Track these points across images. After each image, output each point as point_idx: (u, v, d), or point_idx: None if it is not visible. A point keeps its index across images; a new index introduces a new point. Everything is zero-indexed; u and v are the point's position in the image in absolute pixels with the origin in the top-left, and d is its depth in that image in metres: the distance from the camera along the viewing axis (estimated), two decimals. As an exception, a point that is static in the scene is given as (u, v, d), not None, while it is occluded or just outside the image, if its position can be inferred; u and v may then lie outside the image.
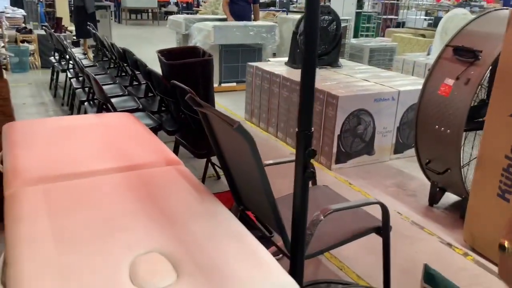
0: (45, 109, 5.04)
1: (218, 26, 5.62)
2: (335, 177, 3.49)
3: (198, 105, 1.87)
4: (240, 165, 1.86)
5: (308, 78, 1.47)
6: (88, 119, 2.64)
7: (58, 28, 7.42)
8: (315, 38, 1.41)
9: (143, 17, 16.01)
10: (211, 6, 11.00)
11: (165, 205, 1.64)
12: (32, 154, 1.98)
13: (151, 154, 2.08)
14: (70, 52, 4.34)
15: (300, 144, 1.49)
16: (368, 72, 4.47)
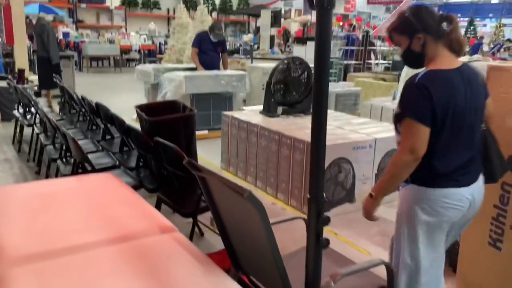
0: (10, 166, 4.78)
1: (190, 76, 5.63)
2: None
3: (197, 170, 1.81)
4: (244, 230, 1.80)
5: (318, 144, 1.46)
6: (69, 182, 2.50)
7: (21, 79, 7.20)
8: (325, 100, 1.41)
9: (105, 65, 15.90)
10: (175, 54, 11.08)
11: (168, 280, 1.54)
12: (15, 227, 1.84)
13: (142, 221, 1.98)
14: (40, 109, 4.18)
15: (312, 211, 1.46)
16: (341, 119, 4.56)
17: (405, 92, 1.82)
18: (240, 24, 24.14)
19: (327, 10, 1.32)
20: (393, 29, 1.90)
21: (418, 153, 1.74)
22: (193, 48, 6.52)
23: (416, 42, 1.84)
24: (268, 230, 1.54)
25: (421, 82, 1.75)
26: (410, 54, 1.89)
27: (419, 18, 1.83)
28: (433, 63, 1.83)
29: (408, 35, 1.86)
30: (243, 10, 22.75)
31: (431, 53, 1.84)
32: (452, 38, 1.83)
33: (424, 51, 1.84)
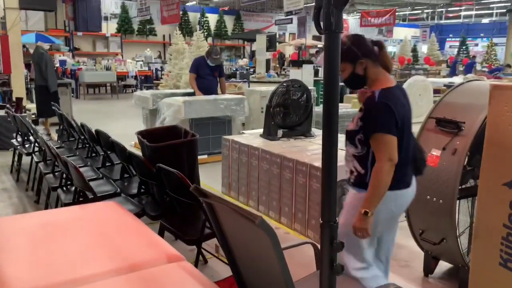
0: (8, 195, 4.72)
1: (189, 101, 5.64)
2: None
3: (204, 196, 1.78)
4: (254, 257, 1.76)
5: (330, 168, 1.44)
6: (71, 212, 2.46)
7: (19, 108, 7.19)
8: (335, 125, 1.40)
9: (101, 91, 15.95)
10: (172, 79, 11.16)
11: (178, 312, 1.49)
12: (18, 260, 1.79)
13: (149, 250, 1.93)
14: (40, 137, 4.16)
15: (325, 236, 1.43)
16: (340, 141, 4.55)
17: (370, 111, 2.08)
18: (235, 49, 24.44)
19: (335, 34, 1.32)
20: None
21: (395, 160, 2.02)
22: (190, 73, 6.55)
23: (359, 66, 2.11)
24: (280, 256, 1.50)
25: (382, 101, 2.04)
26: (354, 78, 2.14)
27: (359, 45, 2.12)
28: (378, 83, 2.12)
29: (351, 62, 2.11)
30: (238, 35, 23.07)
31: (373, 75, 2.13)
32: (384, 59, 2.14)
33: (366, 74, 2.13)
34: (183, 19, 20.59)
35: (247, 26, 23.64)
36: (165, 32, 20.66)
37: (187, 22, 21.40)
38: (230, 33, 23.23)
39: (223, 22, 23.11)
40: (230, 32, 23.33)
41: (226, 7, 23.14)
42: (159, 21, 13.40)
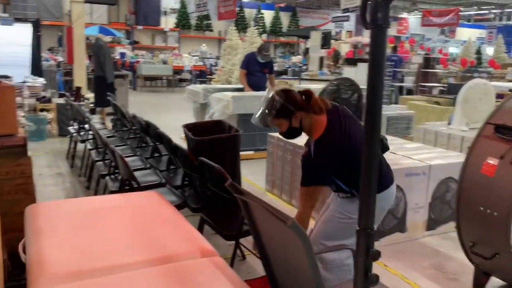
0: (62, 180, 4.95)
1: (237, 96, 5.65)
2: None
3: (239, 193, 1.75)
4: (286, 258, 1.71)
5: (370, 171, 1.35)
6: (114, 200, 2.52)
7: (77, 97, 7.54)
8: (378, 127, 1.31)
9: (158, 84, 16.43)
10: (224, 75, 11.27)
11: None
12: (58, 244, 1.84)
13: (184, 243, 1.93)
14: (92, 125, 4.32)
15: (361, 243, 1.35)
16: (393, 144, 4.37)
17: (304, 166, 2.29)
18: (289, 46, 24.31)
19: (382, 29, 1.24)
20: (274, 117, 2.21)
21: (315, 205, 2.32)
22: (241, 69, 6.57)
23: (295, 120, 2.22)
24: (312, 260, 1.45)
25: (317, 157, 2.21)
26: (292, 131, 2.27)
27: (291, 100, 2.20)
28: (314, 131, 2.22)
29: (287, 118, 2.22)
30: (293, 32, 22.91)
31: (307, 124, 2.24)
32: (314, 106, 2.22)
33: (302, 125, 2.24)
34: (239, 15, 20.73)
35: (303, 23, 23.41)
36: (221, 28, 20.90)
37: (243, 18, 21.52)
38: (285, 30, 23.11)
39: (279, 18, 23.03)
40: (285, 28, 23.22)
41: (283, 4, 23.03)
42: (216, 17, 13.59)
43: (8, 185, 2.54)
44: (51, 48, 15.24)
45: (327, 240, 2.36)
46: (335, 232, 2.36)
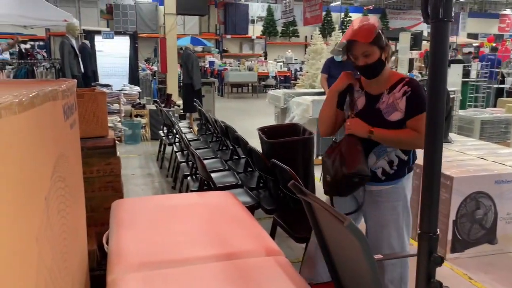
0: (151, 180, 5.31)
1: (317, 100, 5.62)
2: (451, 268, 3.08)
3: (302, 193, 1.76)
4: (347, 259, 1.68)
5: (432, 171, 1.29)
6: (191, 198, 2.65)
7: (168, 103, 8.05)
8: (440, 124, 1.25)
9: (244, 91, 16.90)
10: (308, 79, 11.26)
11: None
12: (136, 236, 1.99)
13: (250, 241, 1.98)
14: (177, 128, 4.59)
15: (422, 248, 1.29)
16: (484, 149, 4.06)
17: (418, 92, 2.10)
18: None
19: (443, 23, 1.18)
20: (371, 42, 2.06)
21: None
22: (322, 74, 6.52)
23: (385, 53, 2.11)
24: (371, 263, 1.40)
25: (419, 84, 2.15)
26: (379, 64, 2.11)
27: (382, 32, 2.11)
28: (392, 71, 2.23)
29: (380, 47, 2.09)
30: (382, 34, 22.18)
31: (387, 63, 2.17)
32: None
33: (386, 61, 2.15)
34: (326, 19, 20.60)
35: (393, 25, 22.59)
36: (308, 33, 20.92)
37: (330, 23, 21.34)
38: (373, 33, 22.46)
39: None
40: (374, 31, 22.57)
41: (371, 6, 22.44)
42: (302, 23, 13.68)
43: (98, 182, 2.80)
44: (147, 59, 16.40)
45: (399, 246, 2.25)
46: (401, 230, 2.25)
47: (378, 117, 2.16)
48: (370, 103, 2.20)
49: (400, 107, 2.11)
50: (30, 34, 14.66)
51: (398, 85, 2.14)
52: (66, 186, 1.33)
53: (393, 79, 2.17)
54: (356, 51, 2.10)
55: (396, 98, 2.13)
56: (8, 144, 0.82)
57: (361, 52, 2.09)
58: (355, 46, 2.09)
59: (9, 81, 2.68)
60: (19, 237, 0.88)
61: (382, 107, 2.16)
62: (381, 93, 2.18)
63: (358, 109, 2.24)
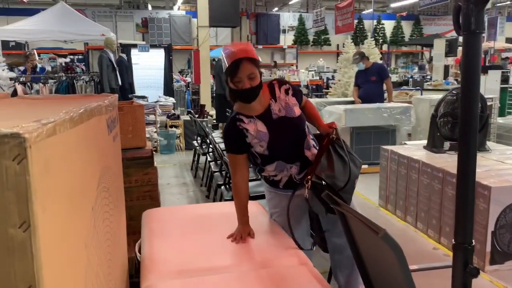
0: (186, 189, 5.42)
1: (350, 109, 5.61)
2: (491, 281, 2.99)
3: (336, 204, 1.78)
4: (382, 270, 1.68)
5: (466, 181, 1.29)
6: (223, 207, 2.71)
7: (202, 113, 8.20)
8: (474, 136, 1.25)
9: (276, 100, 16.93)
10: (340, 88, 11.20)
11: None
12: (168, 245, 2.06)
13: (279, 250, 2.01)
14: (211, 138, 4.68)
15: (457, 259, 1.28)
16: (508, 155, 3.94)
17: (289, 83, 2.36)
18: (412, 55, 23.19)
19: (475, 34, 1.19)
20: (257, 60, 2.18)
21: None
22: (354, 87, 6.61)
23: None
24: (407, 275, 1.40)
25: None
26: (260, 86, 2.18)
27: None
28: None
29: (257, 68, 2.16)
30: (414, 41, 21.82)
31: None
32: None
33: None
34: (358, 27, 20.45)
35: (427, 31, 22.16)
36: (339, 41, 20.82)
37: (362, 31, 21.17)
38: (407, 39, 22.12)
39: (400, 28, 22.15)
40: (407, 37, 22.23)
41: (404, 13, 22.12)
42: (333, 31, 13.67)
43: (137, 192, 2.90)
44: (181, 70, 16.76)
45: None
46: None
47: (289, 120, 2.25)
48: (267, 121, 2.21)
49: (293, 102, 2.26)
50: (69, 48, 15.28)
51: (275, 90, 2.26)
52: (110, 196, 1.41)
53: (265, 89, 2.22)
54: (242, 72, 2.05)
55: (285, 98, 2.26)
56: (61, 158, 0.89)
57: (247, 74, 2.06)
58: (243, 67, 2.05)
59: (56, 97, 2.84)
60: (70, 243, 0.95)
61: (283, 113, 2.23)
62: (268, 105, 2.23)
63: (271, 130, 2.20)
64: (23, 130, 0.71)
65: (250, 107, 2.19)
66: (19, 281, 0.73)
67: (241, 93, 2.11)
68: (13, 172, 0.71)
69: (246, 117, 2.19)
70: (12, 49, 14.66)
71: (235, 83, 2.09)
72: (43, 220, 0.75)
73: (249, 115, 2.20)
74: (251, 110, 2.20)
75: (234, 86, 2.10)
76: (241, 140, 2.19)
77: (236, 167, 2.24)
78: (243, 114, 2.20)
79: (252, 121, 2.20)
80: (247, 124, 2.19)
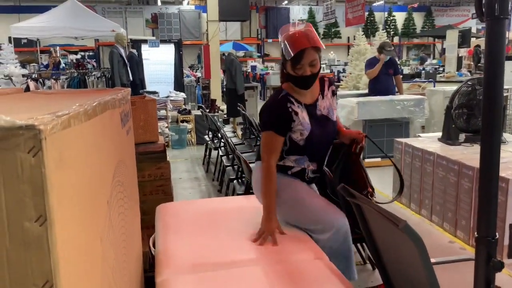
0: (198, 184, 5.42)
1: (362, 101, 5.55)
2: (509, 274, 2.94)
3: (352, 196, 1.75)
4: (402, 264, 1.65)
5: (490, 174, 1.25)
6: (235, 201, 2.70)
7: (212, 108, 8.18)
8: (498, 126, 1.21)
9: (286, 94, 16.87)
10: (352, 81, 11.10)
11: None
12: (183, 239, 2.05)
13: (295, 244, 1.99)
14: (222, 133, 4.66)
15: (480, 253, 1.25)
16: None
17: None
18: (424, 47, 22.92)
19: (500, 21, 1.15)
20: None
21: None
22: (367, 71, 6.45)
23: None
24: (428, 267, 1.37)
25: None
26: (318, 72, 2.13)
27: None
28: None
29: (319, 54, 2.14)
30: (426, 32, 21.54)
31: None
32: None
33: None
34: (368, 19, 20.26)
35: (439, 22, 21.86)
36: (350, 34, 20.65)
37: (373, 23, 20.96)
38: (418, 31, 21.85)
39: (412, 19, 21.90)
40: (419, 29, 21.95)
41: (415, 4, 21.83)
42: (344, 24, 13.54)
43: (150, 186, 2.90)
44: (192, 65, 16.77)
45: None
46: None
47: (329, 121, 2.22)
48: (312, 113, 2.18)
49: (334, 106, 2.26)
50: (80, 45, 15.38)
51: (324, 87, 2.24)
52: (124, 190, 1.40)
53: (316, 82, 2.18)
54: (305, 60, 2.03)
55: (330, 99, 2.24)
56: (76, 151, 0.88)
57: (310, 61, 2.04)
58: (307, 54, 2.03)
59: (68, 91, 2.84)
60: (86, 237, 0.93)
61: (325, 112, 2.20)
62: (316, 98, 2.20)
63: (313, 124, 2.16)
64: (38, 122, 0.70)
65: (302, 93, 2.15)
66: (36, 276, 0.72)
67: (301, 80, 2.08)
68: (28, 165, 0.70)
69: (296, 102, 2.15)
70: (24, 46, 14.80)
71: (296, 69, 2.06)
72: (59, 214, 0.74)
73: (299, 99, 2.15)
74: (301, 96, 2.16)
75: (294, 72, 2.07)
76: (288, 121, 2.11)
77: (272, 148, 2.12)
78: (293, 97, 2.15)
79: (300, 107, 2.15)
80: (297, 108, 2.13)
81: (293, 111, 2.12)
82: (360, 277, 2.94)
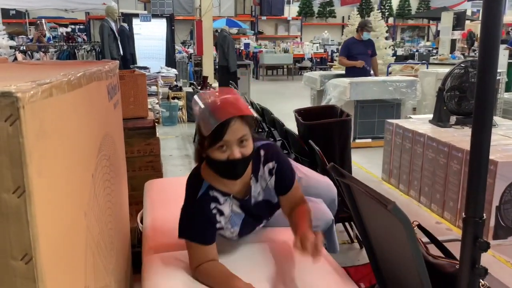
0: (189, 161, 5.40)
1: (355, 82, 5.52)
2: (493, 255, 2.99)
3: (341, 176, 1.74)
4: (389, 244, 1.66)
5: (479, 150, 1.23)
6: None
7: (204, 85, 8.10)
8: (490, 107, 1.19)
9: (279, 73, 16.78)
10: (346, 61, 11.04)
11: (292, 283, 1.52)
12: (171, 215, 2.03)
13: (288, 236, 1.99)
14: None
15: (467, 234, 1.25)
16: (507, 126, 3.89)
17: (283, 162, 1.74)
18: (418, 29, 22.80)
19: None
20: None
21: None
22: (340, 57, 6.46)
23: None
24: (415, 248, 1.38)
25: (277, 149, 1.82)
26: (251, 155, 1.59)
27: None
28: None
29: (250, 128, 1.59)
30: (421, 14, 21.39)
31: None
32: None
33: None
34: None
35: (435, 4, 21.68)
36: (345, 13, 20.45)
37: (368, 2, 20.74)
38: (413, 12, 21.69)
39: (407, 0, 21.70)
40: (414, 10, 21.79)
41: (412, -16, 21.63)
42: (339, 3, 13.41)
43: (139, 162, 2.87)
44: (184, 41, 16.53)
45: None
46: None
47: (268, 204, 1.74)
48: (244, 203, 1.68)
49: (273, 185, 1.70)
50: (70, 18, 15.05)
51: (259, 165, 1.66)
52: (110, 164, 1.37)
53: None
54: (231, 135, 1.44)
55: (267, 180, 1.69)
56: (59, 122, 0.85)
57: (238, 137, 1.46)
58: (233, 127, 1.44)
59: (55, 62, 2.77)
60: (69, 211, 0.91)
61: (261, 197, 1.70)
62: (249, 183, 1.66)
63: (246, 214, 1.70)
64: (15, 89, 0.67)
65: (228, 181, 1.59)
66: (15, 249, 0.70)
67: (227, 166, 1.48)
68: (5, 134, 0.67)
69: (222, 195, 1.62)
70: (12, 17, 14.45)
71: (217, 151, 1.47)
72: (38, 186, 0.71)
73: (225, 191, 1.62)
74: (228, 186, 1.62)
75: (216, 155, 1.48)
76: (213, 226, 1.61)
77: (201, 259, 1.55)
78: (218, 189, 1.61)
79: (227, 200, 1.63)
80: (223, 205, 1.62)
81: (218, 211, 1.62)
82: (347, 256, 2.97)
